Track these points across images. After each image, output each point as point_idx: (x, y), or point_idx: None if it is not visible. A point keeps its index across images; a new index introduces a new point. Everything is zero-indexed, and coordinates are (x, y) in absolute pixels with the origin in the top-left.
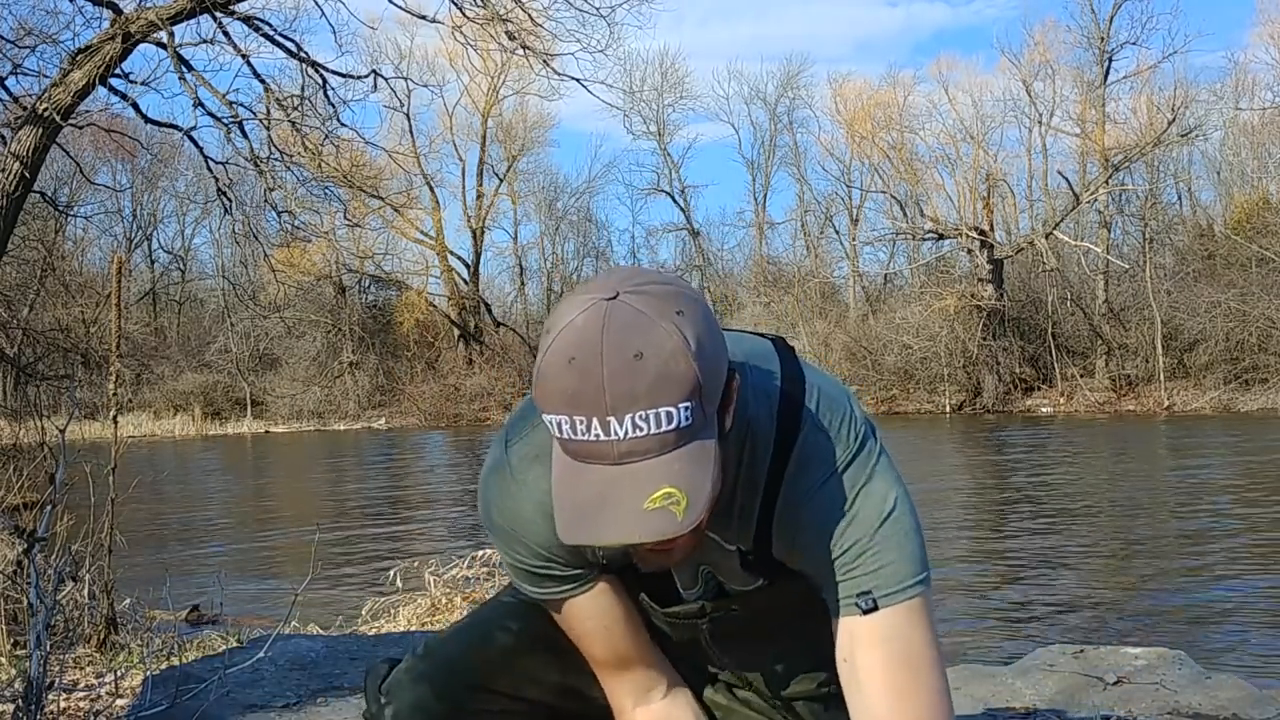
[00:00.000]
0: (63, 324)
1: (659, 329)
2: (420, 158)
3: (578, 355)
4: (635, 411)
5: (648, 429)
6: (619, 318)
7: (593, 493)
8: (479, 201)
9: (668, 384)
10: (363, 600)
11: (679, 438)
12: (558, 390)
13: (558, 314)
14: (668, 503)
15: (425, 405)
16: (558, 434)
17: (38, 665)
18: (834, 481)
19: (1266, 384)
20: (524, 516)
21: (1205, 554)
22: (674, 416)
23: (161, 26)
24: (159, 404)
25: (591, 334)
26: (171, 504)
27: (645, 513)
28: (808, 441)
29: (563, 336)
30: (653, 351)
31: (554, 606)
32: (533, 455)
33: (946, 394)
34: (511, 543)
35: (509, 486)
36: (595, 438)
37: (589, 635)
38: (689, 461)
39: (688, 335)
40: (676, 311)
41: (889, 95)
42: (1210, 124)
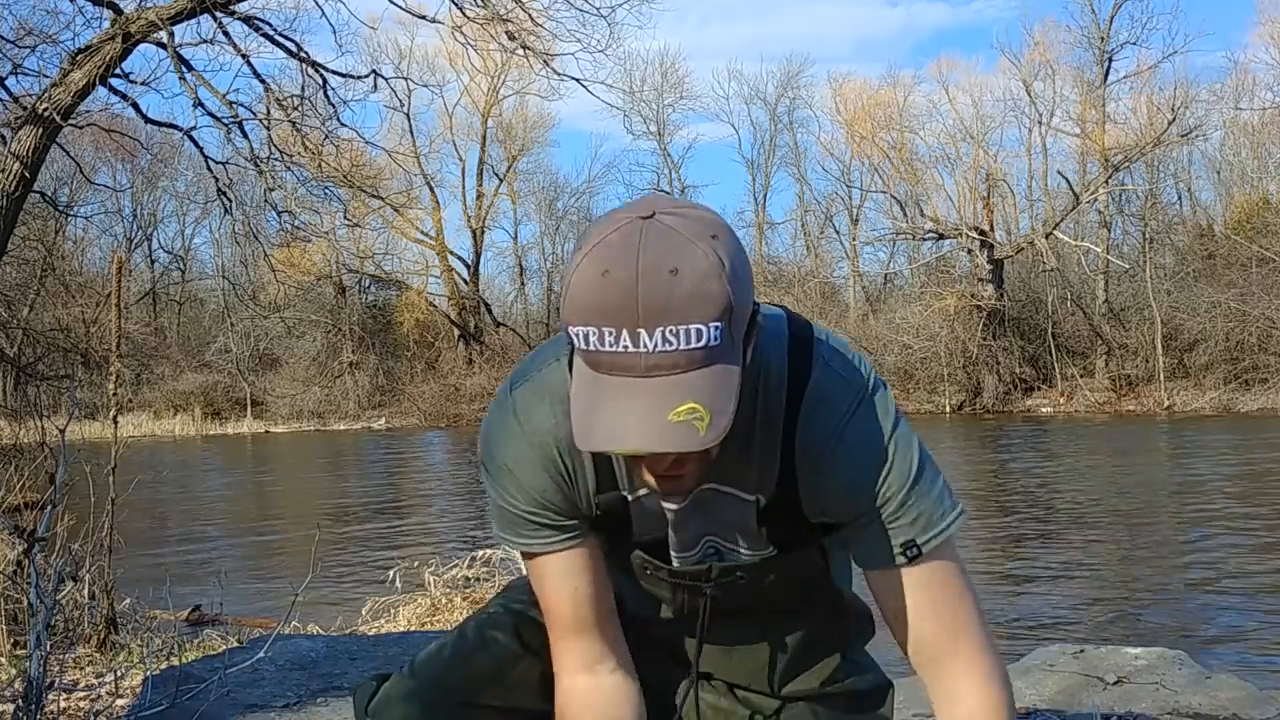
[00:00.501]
0: (63, 324)
1: (695, 248)
2: (420, 158)
3: (611, 268)
4: (666, 325)
5: (677, 344)
6: (655, 235)
7: (615, 402)
8: (479, 201)
9: (700, 301)
10: (363, 600)
11: (706, 356)
12: (588, 301)
13: (591, 232)
14: (691, 417)
15: (425, 405)
16: (583, 345)
17: (38, 665)
18: (858, 418)
19: (1266, 384)
20: (524, 458)
21: (1205, 554)
22: (704, 334)
23: (161, 26)
24: (159, 404)
25: (627, 249)
26: (171, 504)
27: (668, 424)
28: (821, 378)
29: (596, 251)
30: (688, 269)
31: (531, 559)
32: (538, 398)
33: (946, 394)
34: (507, 484)
35: (512, 427)
36: (624, 349)
37: (556, 594)
38: (714, 381)
39: (722, 257)
40: (712, 235)
41: (889, 95)
42: (1210, 124)
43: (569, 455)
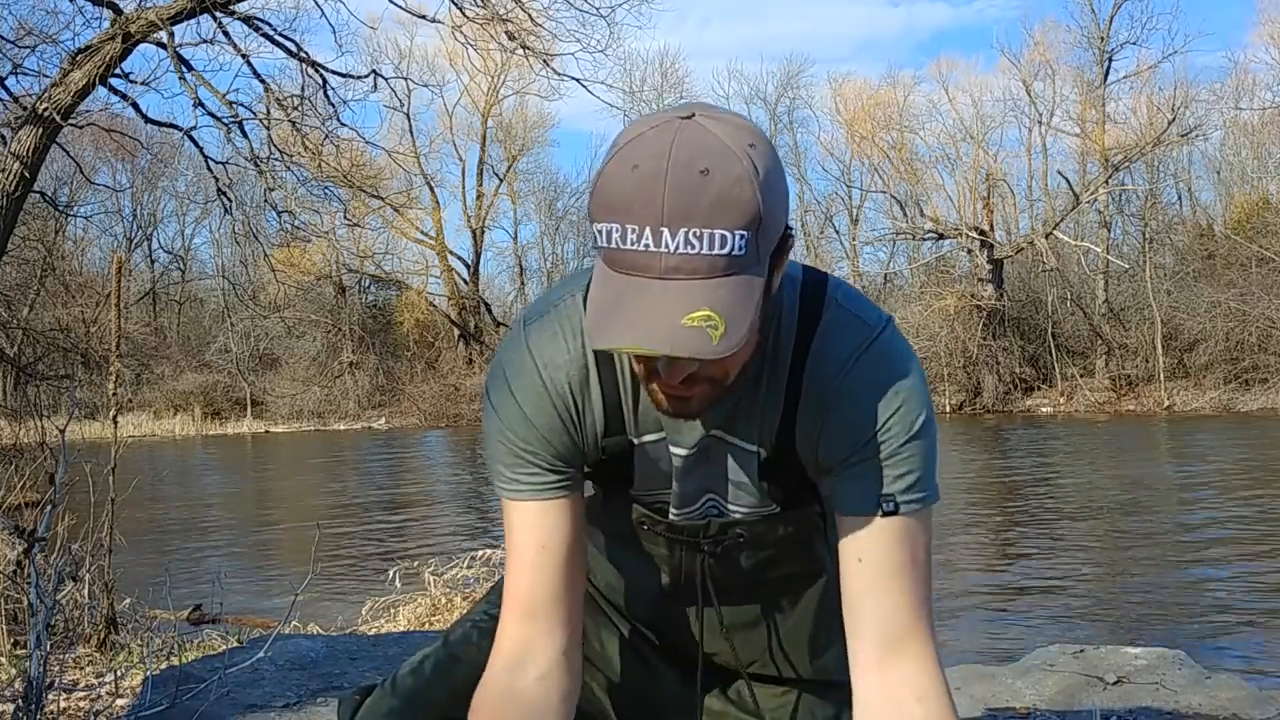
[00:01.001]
0: (63, 324)
1: (730, 153)
2: (420, 158)
3: (642, 164)
4: (691, 227)
5: (699, 247)
6: (691, 135)
7: (630, 301)
8: (479, 201)
9: (729, 207)
10: (363, 600)
11: (729, 265)
12: (615, 196)
13: (628, 130)
14: (706, 324)
15: (425, 405)
16: (605, 243)
17: (38, 665)
18: (870, 356)
19: (1266, 384)
20: (533, 390)
21: (1206, 554)
22: (728, 241)
23: (161, 26)
24: (159, 404)
25: (660, 145)
26: (171, 504)
27: (681, 328)
28: (833, 319)
29: (630, 146)
30: (720, 172)
31: (510, 505)
32: (552, 331)
33: (946, 394)
34: (511, 415)
35: (524, 358)
36: (645, 247)
37: (520, 552)
38: (734, 291)
39: (758, 165)
40: (750, 144)
41: (889, 95)
42: (1210, 124)
43: (579, 392)
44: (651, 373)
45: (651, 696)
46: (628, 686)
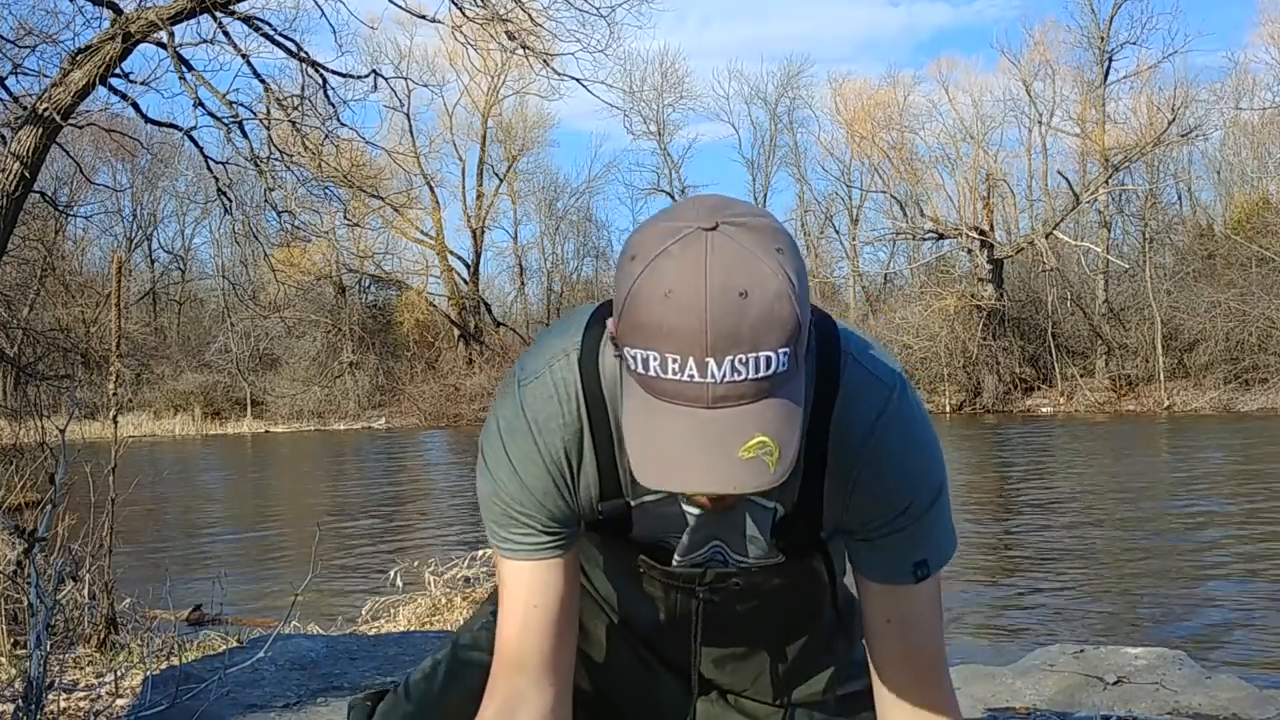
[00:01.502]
0: (63, 324)
1: (764, 266)
2: (420, 158)
3: (676, 288)
4: (736, 354)
5: (746, 374)
6: (722, 251)
7: (682, 437)
8: (479, 201)
9: (771, 327)
10: (363, 600)
11: (774, 384)
12: (650, 324)
13: (645, 240)
14: (761, 452)
15: (425, 405)
16: (641, 370)
17: (38, 665)
18: (893, 425)
19: (1266, 384)
20: (530, 456)
21: (1205, 554)
22: (773, 362)
23: (161, 26)
24: (159, 404)
25: (692, 266)
26: (172, 504)
27: (740, 461)
28: (852, 381)
29: (657, 265)
30: (758, 291)
31: (503, 560)
32: (547, 396)
33: (947, 394)
34: (506, 479)
35: (520, 423)
36: (689, 378)
37: (512, 607)
38: (781, 410)
39: (790, 274)
40: (777, 248)
41: (889, 95)
42: (1210, 124)
43: (574, 457)
44: None
45: (650, 695)
46: (626, 683)
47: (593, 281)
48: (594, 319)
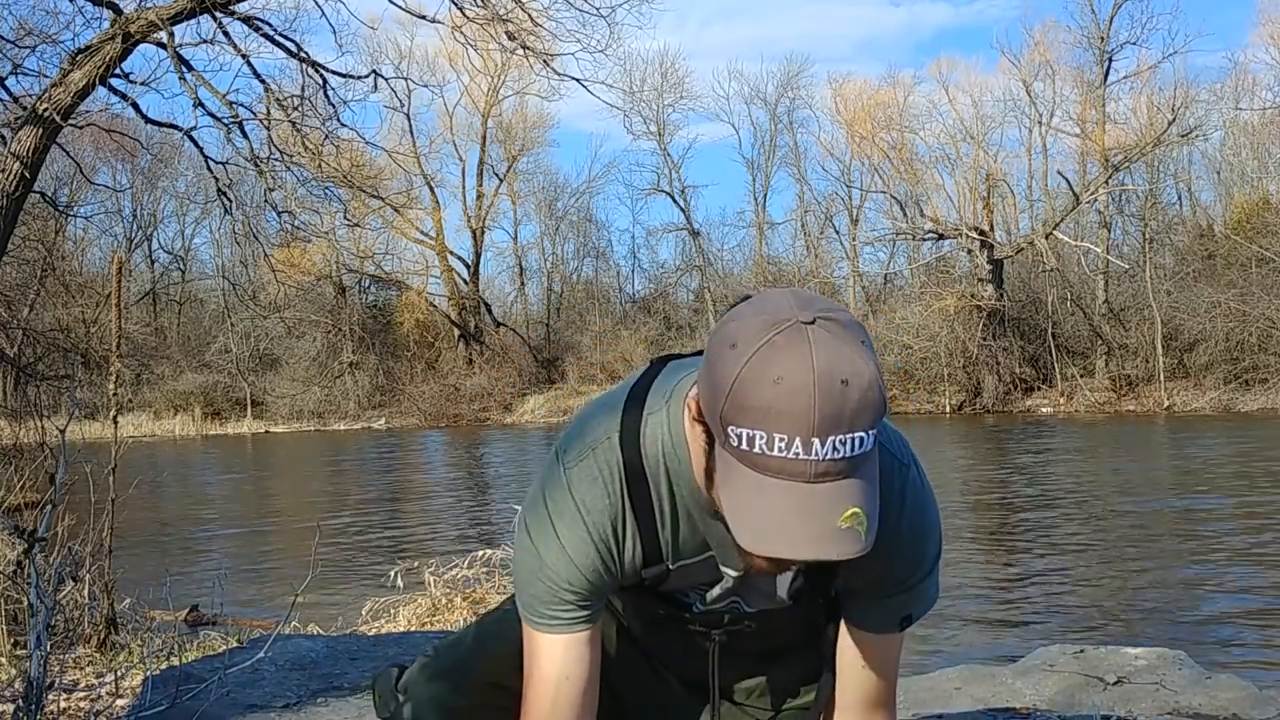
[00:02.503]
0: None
1: (858, 358)
2: (420, 158)
3: (786, 376)
4: (837, 435)
5: (845, 452)
6: (823, 343)
7: (788, 508)
8: (479, 201)
9: (866, 411)
10: (363, 600)
11: (864, 461)
12: (759, 407)
13: (746, 330)
14: (855, 523)
15: (425, 405)
16: (747, 447)
17: (38, 665)
18: (910, 502)
19: (1266, 384)
20: (578, 536)
21: (1205, 554)
22: (864, 441)
23: (161, 26)
24: (159, 404)
25: (799, 356)
26: (171, 504)
27: (838, 530)
28: (879, 455)
29: (763, 355)
30: (855, 380)
31: (533, 635)
32: (592, 477)
33: (946, 394)
34: (552, 555)
35: (567, 504)
36: (795, 455)
37: (543, 681)
38: (869, 484)
39: (875, 365)
40: (862, 341)
41: (889, 95)
42: (1210, 124)
43: (620, 534)
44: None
45: (658, 697)
46: (634, 681)
47: (592, 282)
48: (631, 401)
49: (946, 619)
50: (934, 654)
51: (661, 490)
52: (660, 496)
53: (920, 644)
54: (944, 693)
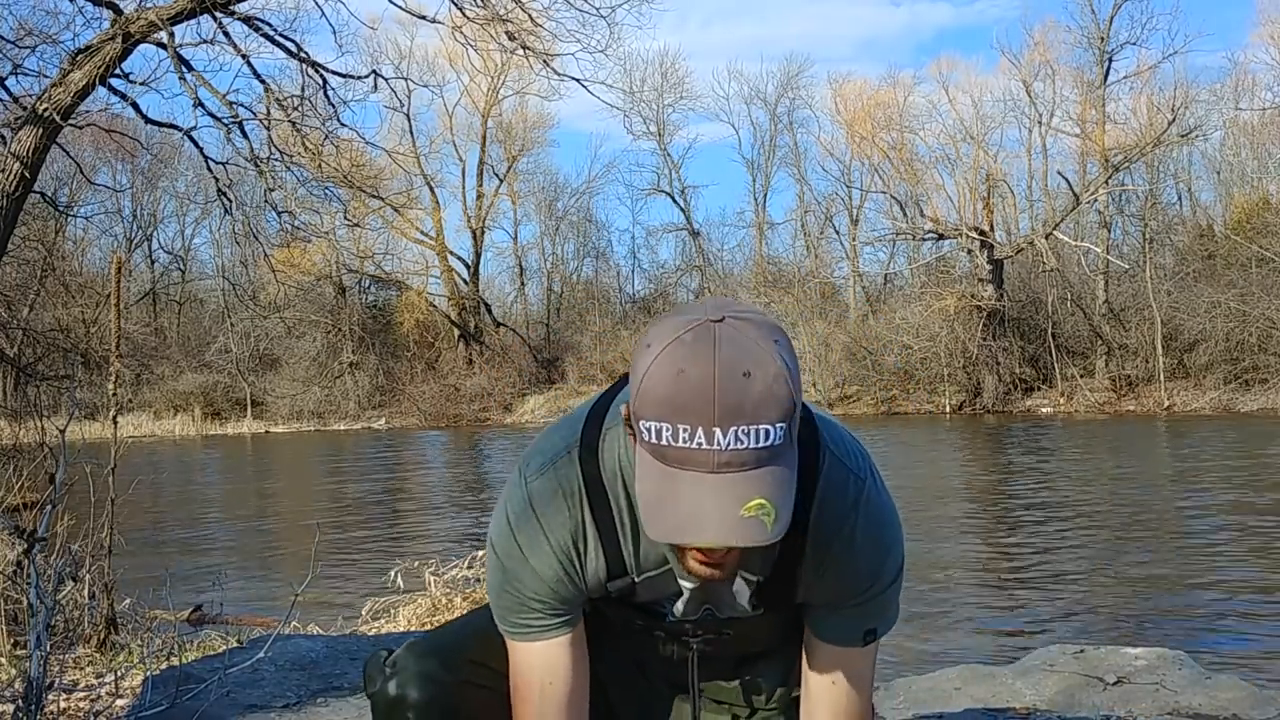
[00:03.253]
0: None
1: (764, 353)
2: (420, 158)
3: (687, 368)
4: (739, 425)
5: (747, 442)
6: (728, 338)
7: (689, 497)
8: (479, 201)
9: (770, 404)
10: (363, 600)
11: (771, 455)
12: (663, 398)
13: (660, 330)
14: (760, 513)
15: (425, 405)
16: (654, 440)
17: (38, 665)
18: (867, 511)
19: (1266, 384)
20: (540, 548)
21: (1205, 554)
22: (770, 434)
23: (161, 26)
24: (159, 404)
25: (703, 350)
26: (171, 504)
27: (741, 519)
28: (830, 466)
29: (671, 350)
30: (760, 373)
31: (515, 643)
32: (553, 491)
33: (946, 394)
34: (518, 569)
35: (529, 518)
36: (698, 445)
37: (528, 684)
38: (779, 477)
39: (786, 361)
40: (775, 340)
41: (889, 95)
42: (1210, 124)
43: (581, 547)
44: (686, 549)
45: (642, 696)
46: (627, 688)
47: (592, 281)
48: (591, 417)
49: (946, 619)
50: (934, 654)
51: (621, 503)
52: (620, 509)
53: (920, 644)
54: (944, 693)
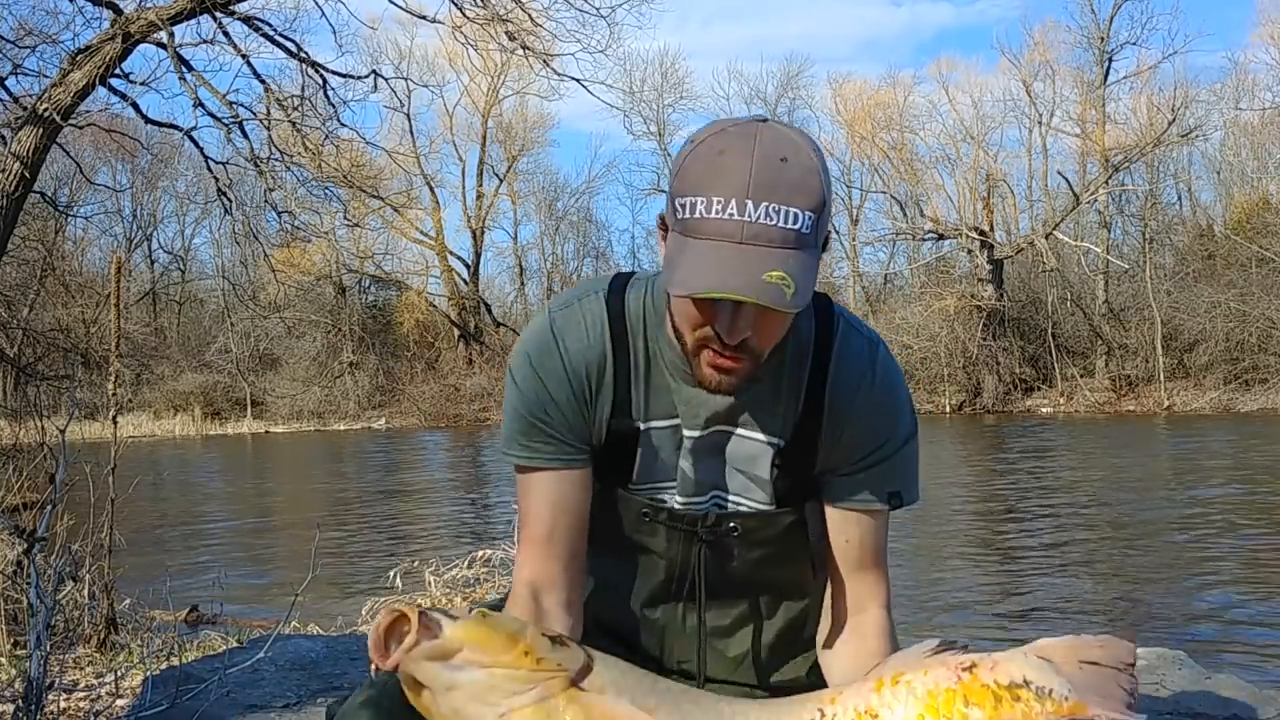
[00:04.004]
0: (63, 324)
1: (804, 149)
2: (420, 158)
3: (728, 150)
4: (772, 202)
5: (777, 220)
6: (770, 132)
7: (714, 258)
8: (479, 201)
9: (802, 189)
10: (363, 600)
11: (798, 239)
12: (702, 175)
13: (706, 128)
14: (781, 282)
15: (425, 405)
16: (689, 214)
17: (38, 665)
18: (883, 363)
19: (1266, 384)
20: (554, 368)
21: (1205, 554)
22: (799, 219)
23: (161, 26)
24: (159, 404)
25: (744, 138)
26: (171, 504)
27: (763, 281)
28: (845, 335)
29: (713, 138)
30: (796, 161)
31: (524, 474)
32: (577, 321)
33: (946, 394)
34: (531, 387)
35: (548, 340)
36: (730, 216)
37: (537, 510)
38: (802, 261)
39: (821, 164)
40: (814, 149)
41: (889, 95)
42: (1210, 124)
43: (595, 376)
44: (702, 346)
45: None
46: (619, 591)
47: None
48: (618, 275)
49: (945, 617)
50: None
51: (639, 344)
52: (637, 350)
53: (919, 643)
54: None
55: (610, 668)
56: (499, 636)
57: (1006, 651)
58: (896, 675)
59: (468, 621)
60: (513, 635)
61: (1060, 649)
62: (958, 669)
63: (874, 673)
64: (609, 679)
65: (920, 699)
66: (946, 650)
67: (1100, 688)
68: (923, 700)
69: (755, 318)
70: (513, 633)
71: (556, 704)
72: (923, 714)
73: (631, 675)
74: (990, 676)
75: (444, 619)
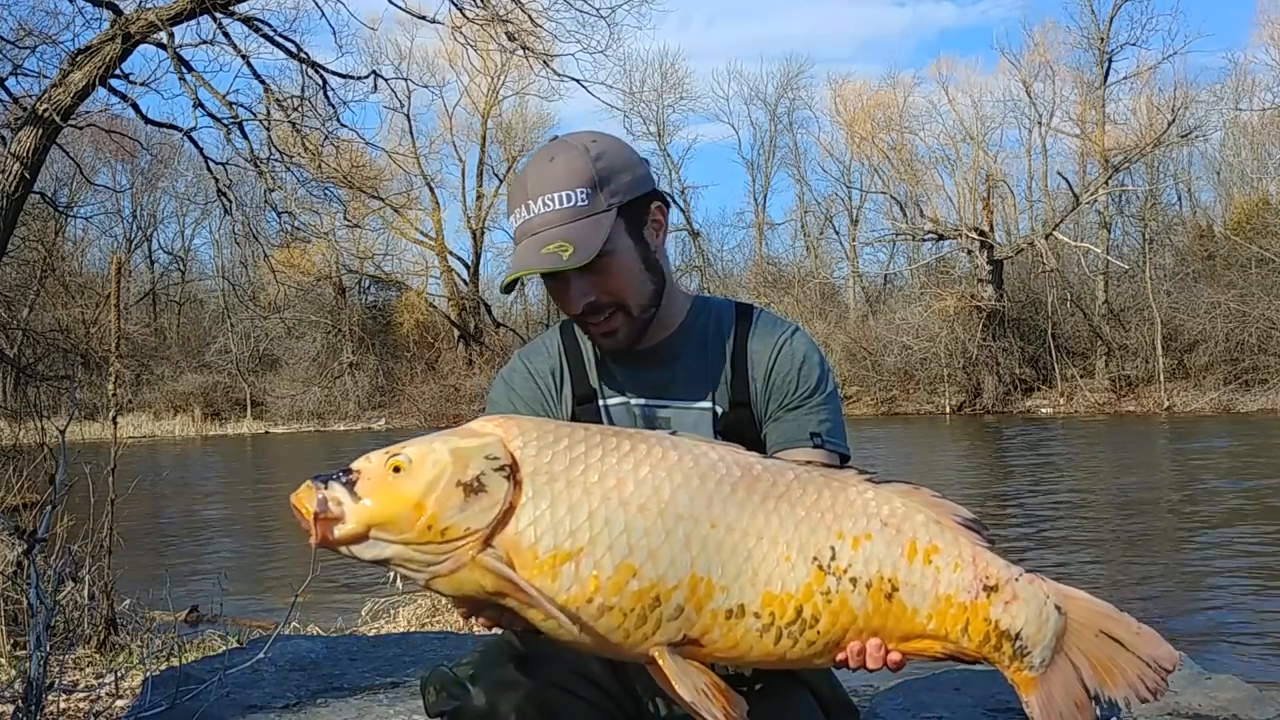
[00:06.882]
0: (63, 324)
1: (570, 146)
2: (420, 158)
3: (521, 172)
4: (544, 195)
5: (553, 205)
6: (553, 144)
7: (520, 251)
8: (479, 202)
9: (568, 175)
10: (363, 600)
11: (575, 214)
12: (509, 195)
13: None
14: (560, 249)
15: (425, 406)
16: (511, 229)
17: (38, 666)
18: (794, 341)
19: (1266, 385)
20: (521, 375)
21: (1205, 554)
22: (571, 198)
23: (161, 27)
24: (159, 404)
25: (534, 159)
26: (171, 505)
27: (542, 254)
28: (763, 317)
29: (521, 170)
30: (562, 157)
31: None
32: (536, 347)
33: (946, 395)
34: (503, 399)
35: (519, 366)
36: (521, 220)
37: None
38: (582, 227)
39: (590, 150)
40: (591, 140)
41: (889, 96)
42: (1210, 124)
43: (556, 379)
44: (580, 322)
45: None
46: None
47: None
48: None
49: None
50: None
51: (587, 347)
52: (585, 347)
53: None
54: (944, 693)
55: (539, 498)
56: (401, 510)
57: (1030, 574)
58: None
59: (368, 504)
60: (417, 504)
61: (1082, 608)
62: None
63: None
64: (532, 516)
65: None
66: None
67: (1103, 662)
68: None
69: (587, 284)
70: (417, 500)
71: (469, 575)
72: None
73: (562, 499)
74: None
75: (346, 498)
